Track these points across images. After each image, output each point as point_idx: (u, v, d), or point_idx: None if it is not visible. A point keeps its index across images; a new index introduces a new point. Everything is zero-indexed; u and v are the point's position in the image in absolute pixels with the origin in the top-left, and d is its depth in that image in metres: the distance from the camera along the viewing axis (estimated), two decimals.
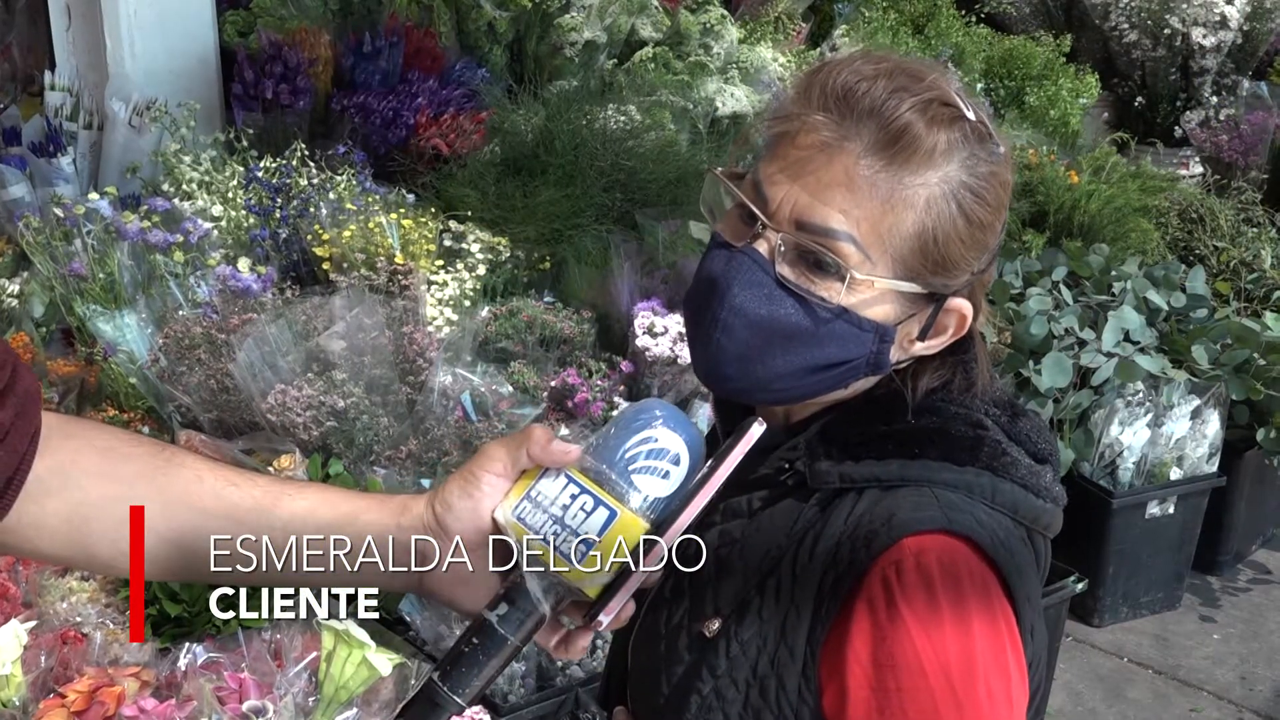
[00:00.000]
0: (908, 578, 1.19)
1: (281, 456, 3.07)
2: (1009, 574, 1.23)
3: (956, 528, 1.22)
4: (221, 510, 1.18)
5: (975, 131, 1.25)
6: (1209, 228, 5.80)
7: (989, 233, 1.28)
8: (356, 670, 2.35)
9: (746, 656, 1.27)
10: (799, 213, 1.24)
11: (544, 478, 1.18)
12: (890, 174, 1.22)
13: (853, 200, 1.22)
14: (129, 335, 3.52)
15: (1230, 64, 8.03)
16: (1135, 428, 4.41)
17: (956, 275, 1.27)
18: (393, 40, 5.03)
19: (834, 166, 1.22)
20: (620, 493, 1.16)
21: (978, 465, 1.28)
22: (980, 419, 1.32)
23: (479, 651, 1.15)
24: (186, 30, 4.75)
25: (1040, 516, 1.31)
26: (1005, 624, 1.22)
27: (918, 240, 1.24)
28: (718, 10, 6.30)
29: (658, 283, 4.14)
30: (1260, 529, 5.16)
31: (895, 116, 1.22)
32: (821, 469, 1.29)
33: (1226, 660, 4.41)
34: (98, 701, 2.24)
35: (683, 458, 1.19)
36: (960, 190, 1.24)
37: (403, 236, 3.98)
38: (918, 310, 1.28)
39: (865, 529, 1.24)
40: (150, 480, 1.17)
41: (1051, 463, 1.35)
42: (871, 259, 1.23)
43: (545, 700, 2.84)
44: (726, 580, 1.32)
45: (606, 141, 4.64)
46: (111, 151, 4.48)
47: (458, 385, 3.36)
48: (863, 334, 1.27)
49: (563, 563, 1.14)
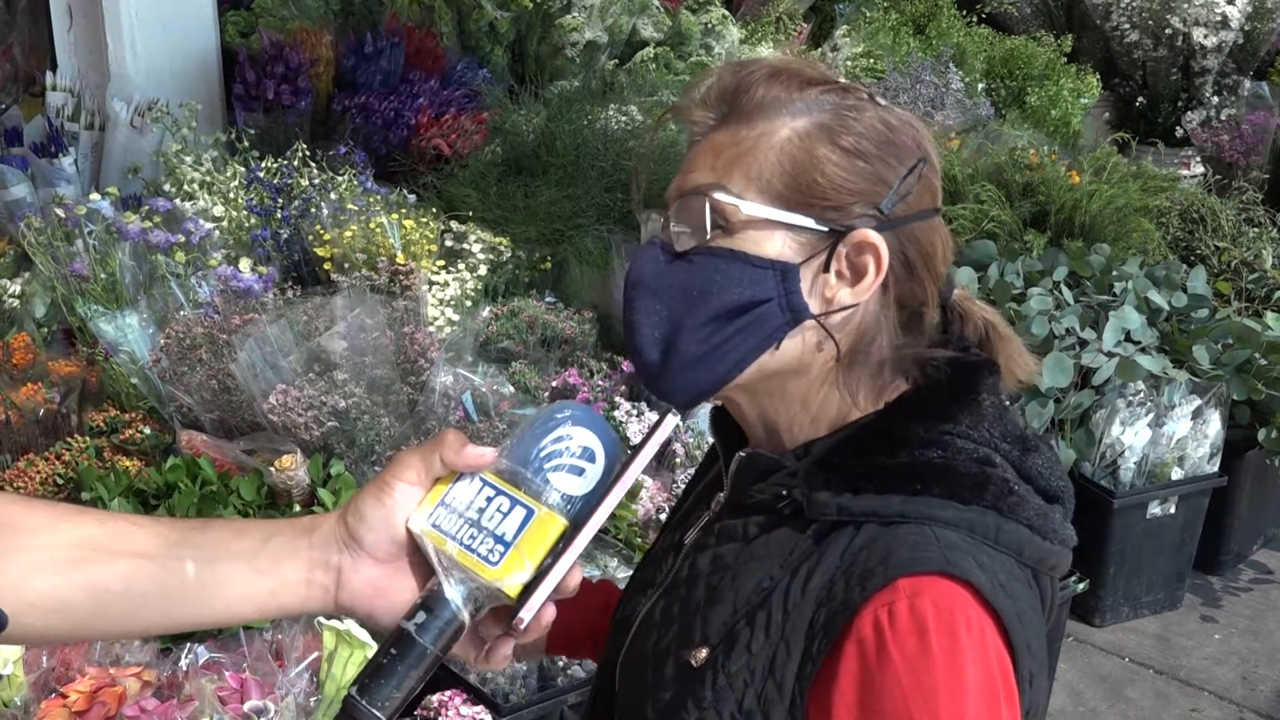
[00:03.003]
0: (900, 621, 1.15)
1: (283, 456, 3.07)
2: (1008, 621, 1.18)
3: (956, 571, 1.17)
4: (129, 549, 1.14)
5: (839, 88, 1.29)
6: (1210, 228, 5.80)
7: (878, 164, 1.26)
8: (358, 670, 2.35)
9: (733, 690, 1.23)
10: (679, 189, 1.29)
11: (459, 482, 1.16)
12: (740, 123, 1.26)
13: (716, 159, 1.26)
14: (130, 335, 3.52)
15: (1231, 64, 8.03)
16: (1136, 428, 4.41)
17: (844, 203, 1.25)
18: (394, 40, 5.04)
19: (703, 145, 1.29)
20: (536, 491, 1.15)
21: (982, 504, 1.23)
22: (989, 454, 1.27)
23: (397, 662, 1.11)
24: (188, 31, 4.75)
25: (1046, 559, 1.27)
26: (1001, 673, 1.17)
27: (787, 172, 1.24)
28: (719, 10, 6.31)
29: None
30: (1261, 529, 5.16)
31: (738, 83, 1.28)
32: (819, 499, 1.25)
33: (1227, 660, 4.41)
34: (99, 701, 2.24)
35: (597, 454, 1.18)
36: (826, 122, 1.25)
37: (404, 237, 3.98)
38: (821, 248, 1.25)
39: (861, 566, 1.19)
40: (53, 528, 1.13)
41: (1063, 501, 1.31)
42: (744, 198, 1.24)
43: (546, 700, 2.85)
44: (716, 608, 1.29)
45: (608, 142, 4.64)
46: (113, 152, 4.48)
47: (459, 385, 3.36)
48: (760, 271, 1.25)
49: (481, 565, 1.12)
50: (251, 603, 1.17)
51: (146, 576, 1.14)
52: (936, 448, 1.26)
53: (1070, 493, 1.33)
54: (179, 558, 1.15)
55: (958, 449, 1.26)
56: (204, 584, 1.15)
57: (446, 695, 2.64)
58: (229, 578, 1.15)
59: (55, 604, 1.12)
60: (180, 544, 1.15)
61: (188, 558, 1.15)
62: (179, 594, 1.15)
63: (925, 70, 6.54)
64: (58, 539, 1.13)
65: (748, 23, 6.69)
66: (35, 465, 3.09)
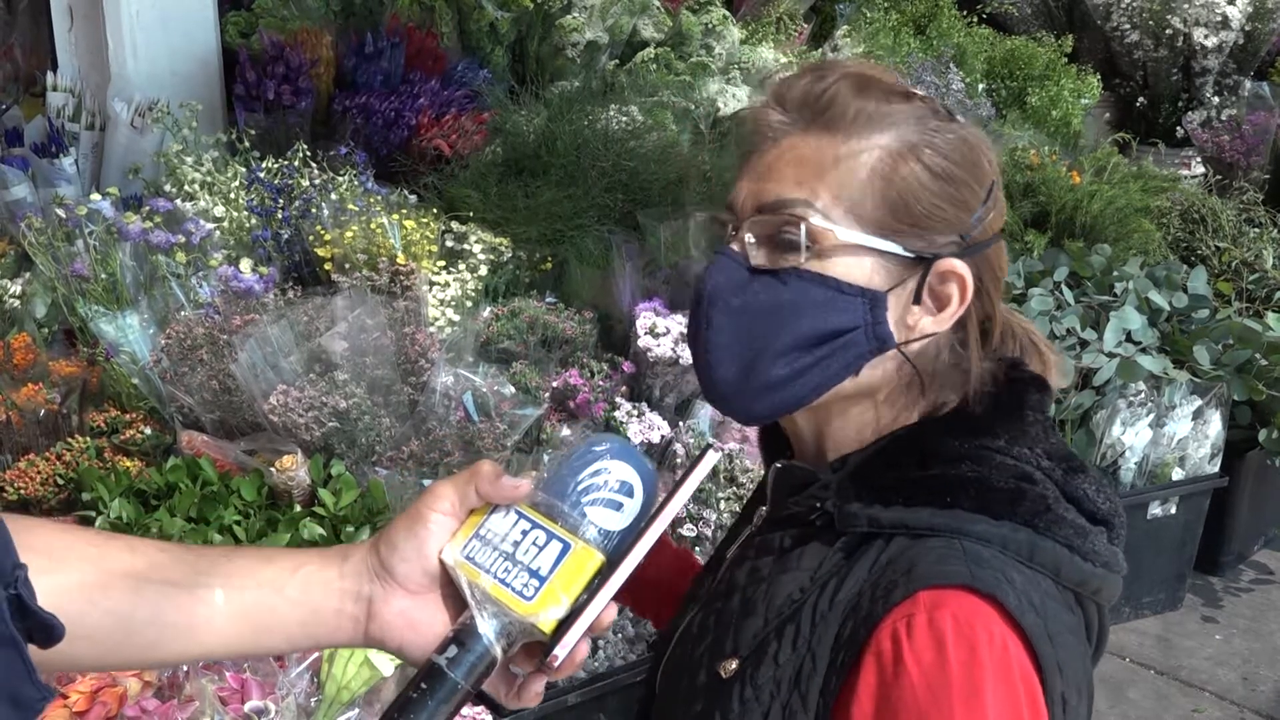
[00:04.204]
0: (918, 634, 1.12)
1: (283, 457, 3.07)
2: (1035, 638, 1.14)
3: (980, 585, 1.14)
4: (159, 577, 1.12)
5: (928, 107, 1.26)
6: (1211, 228, 5.80)
7: (963, 189, 1.25)
8: (358, 671, 2.35)
9: (759, 702, 1.22)
10: (756, 199, 1.25)
11: (493, 514, 1.14)
12: (829, 137, 1.23)
13: (801, 171, 1.23)
14: (131, 336, 3.52)
15: (1232, 64, 8.03)
16: (1137, 428, 4.41)
17: (935, 232, 1.24)
18: (394, 41, 5.03)
19: (780, 148, 1.24)
20: (573, 525, 1.13)
21: (1016, 520, 1.20)
22: (1029, 471, 1.24)
23: (427, 697, 1.08)
24: (188, 31, 4.75)
25: (1088, 581, 1.23)
26: (1026, 693, 1.12)
27: (879, 194, 1.22)
28: (719, 11, 6.30)
29: (659, 283, 4.14)
30: (1262, 529, 5.17)
31: (824, 90, 1.24)
32: (850, 511, 1.24)
33: (1229, 661, 4.41)
34: (100, 702, 2.24)
35: (635, 489, 1.15)
36: (918, 146, 1.23)
37: (404, 237, 3.98)
38: (907, 275, 1.24)
39: (886, 579, 1.18)
40: (82, 555, 1.11)
41: (1112, 525, 1.28)
42: (832, 219, 1.22)
43: (546, 701, 2.85)
44: (749, 620, 1.28)
45: (608, 142, 4.64)
46: (113, 152, 4.48)
47: (459, 386, 3.36)
48: (848, 298, 1.23)
49: (515, 600, 1.09)
50: (280, 634, 1.15)
51: (175, 606, 1.12)
52: (971, 462, 1.24)
53: (1122, 519, 1.30)
54: (208, 586, 1.13)
55: (995, 464, 1.24)
56: (233, 614, 1.13)
57: None
58: (257, 607, 1.13)
59: (82, 631, 1.09)
60: (209, 572, 1.14)
61: (217, 586, 1.13)
62: (208, 624, 1.13)
63: (926, 71, 6.54)
64: (85, 565, 1.11)
65: (748, 23, 6.69)
66: (36, 465, 3.09)
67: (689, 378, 3.74)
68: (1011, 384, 1.31)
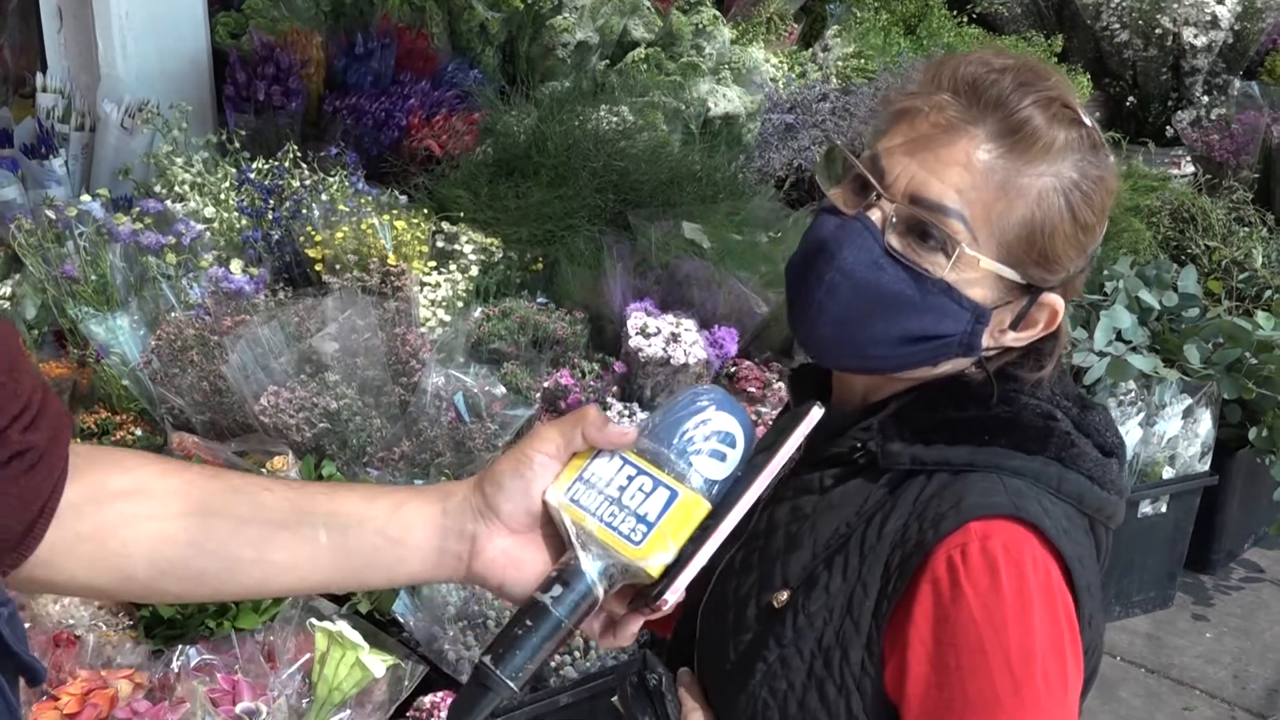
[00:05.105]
0: (973, 561, 1.23)
1: (274, 458, 3.07)
2: (1071, 562, 1.27)
3: (1023, 515, 1.26)
4: (262, 517, 1.15)
5: (1089, 138, 1.31)
6: (1200, 227, 5.80)
7: (1090, 236, 1.33)
8: (350, 672, 2.35)
9: (813, 628, 1.32)
10: (915, 187, 1.29)
11: (597, 459, 1.17)
12: (1007, 162, 1.27)
13: (968, 181, 1.27)
14: (121, 337, 3.51)
15: (1221, 63, 8.04)
16: (1128, 427, 4.41)
17: (1055, 271, 1.32)
18: (385, 42, 5.03)
19: (955, 147, 1.27)
20: (680, 473, 1.15)
21: (1046, 455, 1.31)
22: (1051, 410, 1.35)
23: (531, 634, 1.11)
24: (178, 32, 4.74)
25: (1104, 507, 1.35)
26: (1064, 611, 1.26)
27: (1025, 229, 1.28)
28: (710, 11, 6.30)
29: (650, 283, 4.14)
30: (1252, 528, 5.17)
31: (1019, 108, 1.27)
32: (893, 450, 1.33)
33: (1219, 659, 4.42)
34: (91, 704, 2.24)
35: (738, 440, 1.18)
36: (1071, 189, 1.29)
37: (395, 238, 3.97)
38: (1014, 299, 1.32)
39: (934, 511, 1.28)
40: (184, 496, 1.14)
41: (1119, 455, 1.39)
42: (979, 240, 1.28)
43: (539, 701, 2.84)
44: (796, 554, 1.37)
45: (599, 142, 4.64)
46: (103, 153, 4.47)
47: (451, 386, 3.36)
48: (961, 311, 1.30)
49: (622, 543, 1.12)
50: (382, 570, 1.18)
51: (280, 546, 1.15)
52: (1003, 403, 1.35)
53: (1124, 448, 1.42)
54: (311, 524, 1.16)
55: (1022, 404, 1.35)
56: (335, 552, 1.16)
57: (439, 696, 2.64)
58: (360, 545, 1.16)
59: (189, 573, 1.13)
60: (311, 510, 1.17)
61: (320, 525, 1.16)
62: (311, 562, 1.16)
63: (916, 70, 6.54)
64: (189, 505, 1.14)
65: (739, 23, 6.69)
66: None
67: (680, 378, 3.74)
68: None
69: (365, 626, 2.57)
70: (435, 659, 2.80)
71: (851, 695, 1.30)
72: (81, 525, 1.09)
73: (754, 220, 4.52)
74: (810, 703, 1.31)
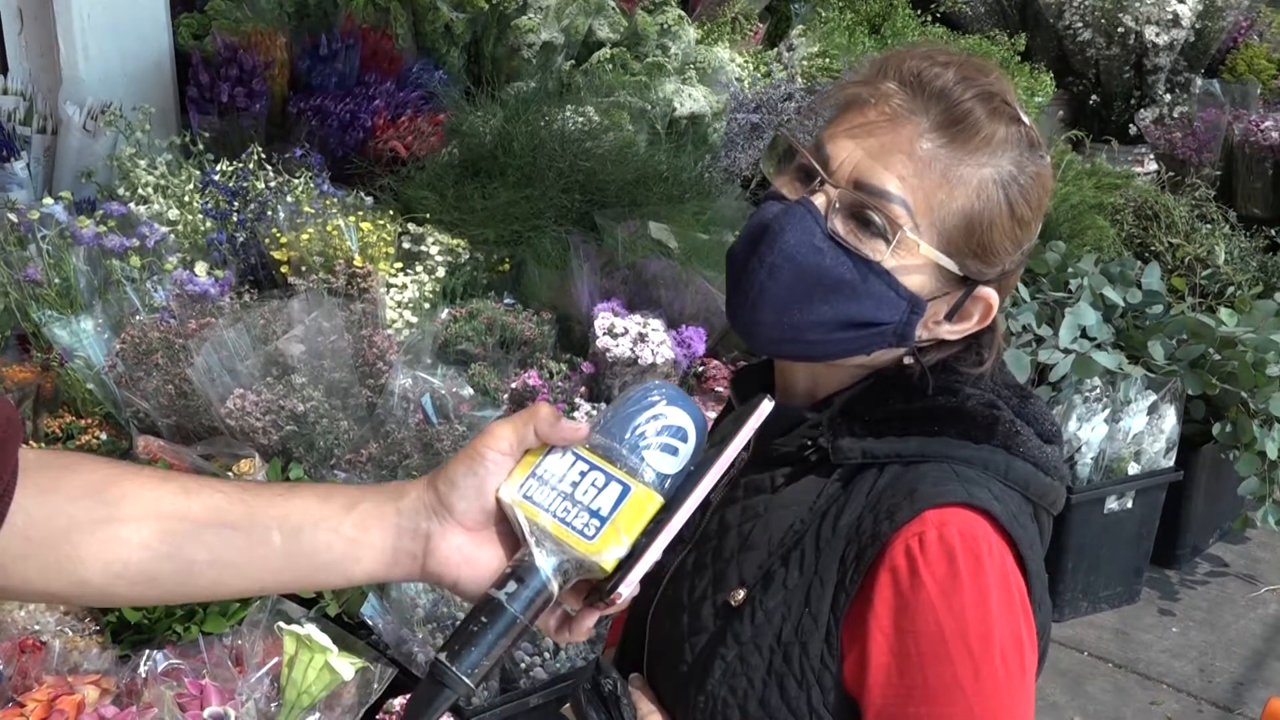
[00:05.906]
0: (930, 549, 1.25)
1: (241, 461, 3.05)
2: (1023, 548, 1.30)
3: (976, 502, 1.28)
4: (215, 520, 1.15)
5: (1028, 135, 1.33)
6: (1164, 224, 5.85)
7: (1026, 232, 1.35)
8: (319, 675, 2.34)
9: (771, 624, 1.33)
10: (859, 173, 1.31)
11: (550, 455, 1.18)
12: (949, 152, 1.29)
13: (911, 169, 1.29)
14: (85, 341, 3.49)
15: (1183, 62, 8.11)
16: (1093, 423, 4.44)
17: (992, 264, 1.34)
18: (349, 42, 5.01)
19: (899, 135, 1.30)
20: (632, 468, 1.16)
21: (993, 443, 1.34)
22: (993, 399, 1.38)
23: (487, 630, 1.11)
24: (140, 33, 4.71)
25: (1048, 493, 1.38)
26: (1019, 595, 1.29)
27: (965, 219, 1.30)
28: (675, 11, 6.30)
29: (617, 283, 4.14)
30: (1217, 522, 5.21)
31: (961, 100, 1.30)
32: (844, 445, 1.35)
33: (1185, 653, 4.45)
34: (57, 710, 2.22)
35: (690, 434, 1.19)
36: (1010, 182, 1.31)
37: (361, 239, 3.96)
38: (950, 291, 1.35)
39: (888, 502, 1.30)
40: (136, 500, 1.13)
41: (1057, 443, 1.42)
42: (920, 227, 1.30)
43: (509, 702, 2.84)
44: (751, 554, 1.38)
45: (565, 143, 4.64)
46: (66, 156, 4.44)
47: (418, 388, 3.35)
48: (898, 299, 1.32)
49: (576, 539, 1.13)
50: (338, 571, 1.18)
51: (234, 548, 1.15)
52: (948, 394, 1.37)
53: (1061, 435, 1.45)
54: (265, 526, 1.16)
55: (966, 395, 1.38)
56: (289, 553, 1.16)
57: (408, 699, 2.63)
58: (314, 545, 1.16)
59: (143, 577, 1.14)
60: (265, 511, 1.17)
61: (274, 527, 1.16)
62: (264, 563, 1.16)
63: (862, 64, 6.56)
64: (144, 509, 1.14)
65: (704, 23, 6.70)
66: None
67: (648, 377, 3.74)
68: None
69: (334, 629, 2.56)
70: (404, 661, 2.80)
71: (812, 689, 1.31)
72: (33, 531, 1.09)
73: (720, 220, 4.53)
74: (770, 699, 1.33)
